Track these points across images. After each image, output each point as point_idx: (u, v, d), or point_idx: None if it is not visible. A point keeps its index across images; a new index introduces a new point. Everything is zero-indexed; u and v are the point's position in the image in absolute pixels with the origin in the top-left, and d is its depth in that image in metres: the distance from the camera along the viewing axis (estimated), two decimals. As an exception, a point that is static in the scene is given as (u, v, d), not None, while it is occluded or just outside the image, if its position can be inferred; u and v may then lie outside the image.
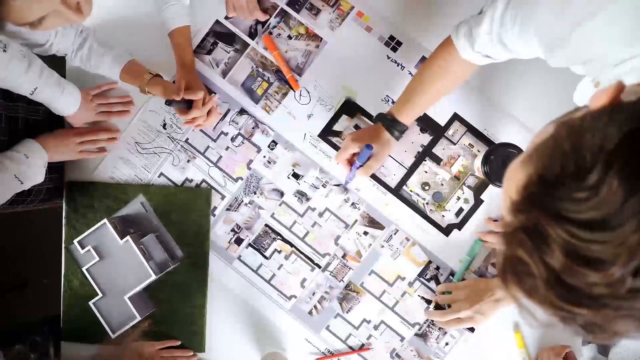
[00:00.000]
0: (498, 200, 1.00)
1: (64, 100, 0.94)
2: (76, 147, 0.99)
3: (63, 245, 1.01)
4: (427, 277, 1.01)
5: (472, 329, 0.99)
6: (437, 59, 0.85)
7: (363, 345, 1.01)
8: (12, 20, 0.61)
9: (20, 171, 0.88)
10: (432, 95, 0.88)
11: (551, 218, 0.35)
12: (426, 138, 1.01)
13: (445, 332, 1.00)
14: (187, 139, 1.03)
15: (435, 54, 0.85)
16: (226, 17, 1.03)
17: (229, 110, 1.03)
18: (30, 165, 0.90)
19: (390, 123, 0.91)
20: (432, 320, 1.00)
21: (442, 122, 1.01)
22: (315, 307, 1.01)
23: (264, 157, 1.02)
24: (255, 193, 1.02)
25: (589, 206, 0.33)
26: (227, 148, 1.03)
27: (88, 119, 1.01)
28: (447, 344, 1.00)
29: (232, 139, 1.03)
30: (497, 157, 0.90)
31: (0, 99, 0.92)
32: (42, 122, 1.01)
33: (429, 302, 1.01)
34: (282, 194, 1.02)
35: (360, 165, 0.92)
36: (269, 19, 1.02)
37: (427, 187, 1.01)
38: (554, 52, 0.60)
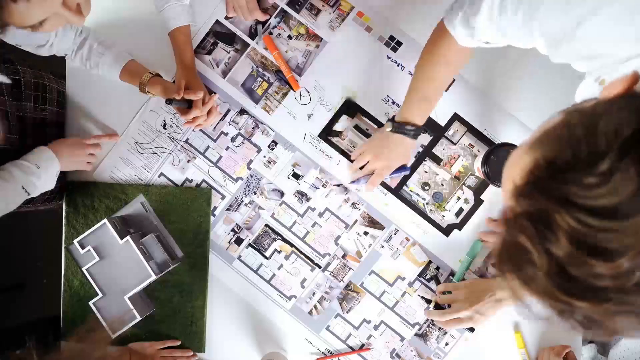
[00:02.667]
0: (498, 200, 1.00)
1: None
2: (86, 157, 0.99)
3: (63, 245, 1.01)
4: (427, 277, 1.01)
5: (472, 329, 0.99)
6: (436, 50, 0.82)
7: (363, 345, 1.01)
8: (14, 23, 0.61)
9: (28, 182, 0.87)
10: (439, 88, 0.87)
11: (558, 203, 0.33)
12: (426, 138, 1.01)
13: (445, 332, 1.00)
14: (187, 139, 1.03)
15: (432, 45, 0.82)
16: (226, 17, 1.03)
17: (229, 110, 1.03)
18: (40, 175, 0.89)
19: (413, 132, 0.90)
20: (432, 320, 1.00)
21: (442, 122, 1.01)
22: (315, 307, 1.01)
23: (264, 157, 1.02)
24: (255, 193, 1.02)
25: (601, 193, 0.32)
26: (227, 148, 1.03)
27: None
28: (447, 344, 1.00)
29: (232, 139, 1.03)
30: (497, 157, 0.90)
31: (8, 98, 0.92)
32: (49, 122, 1.01)
33: (429, 301, 1.01)
34: (282, 194, 1.02)
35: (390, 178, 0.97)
36: (269, 19, 1.02)
37: (427, 187, 1.01)
38: (558, 46, 0.58)
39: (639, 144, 0.31)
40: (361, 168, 0.98)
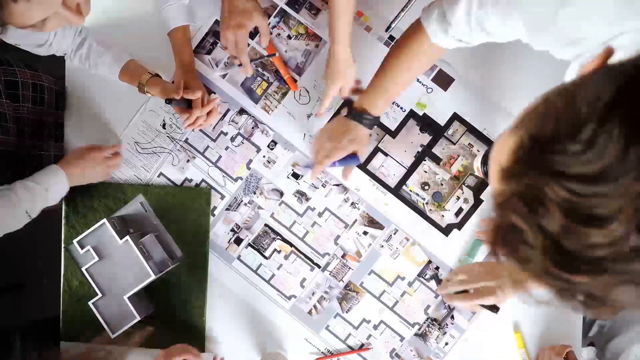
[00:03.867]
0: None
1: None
2: (103, 169, 0.97)
3: (62, 245, 1.01)
4: (427, 276, 1.00)
5: (496, 309, 0.95)
6: (406, 45, 0.81)
7: (363, 345, 1.01)
8: (14, 23, 0.61)
9: (33, 208, 0.86)
10: (402, 82, 0.86)
11: (547, 176, 0.33)
12: (426, 138, 1.01)
13: (445, 332, 1.00)
14: (187, 138, 1.03)
15: (404, 39, 0.82)
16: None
17: (228, 110, 1.03)
18: (48, 199, 0.89)
19: (363, 118, 0.89)
20: (433, 319, 1.00)
21: (442, 122, 1.01)
22: (314, 307, 1.01)
23: (264, 156, 1.02)
24: (254, 193, 1.02)
25: (588, 158, 0.31)
26: (227, 148, 1.03)
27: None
28: (446, 343, 1.00)
29: (232, 139, 1.03)
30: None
31: (6, 100, 0.92)
32: (47, 123, 1.01)
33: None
34: (281, 194, 1.02)
35: (336, 165, 0.93)
36: (256, 69, 1.02)
37: (426, 187, 1.01)
38: (539, 34, 0.59)
39: (620, 106, 0.31)
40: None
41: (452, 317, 1.00)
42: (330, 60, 0.93)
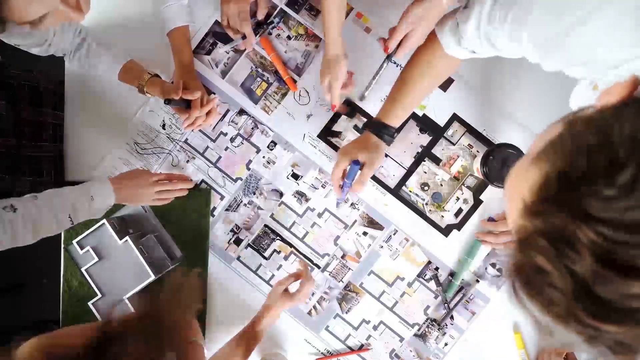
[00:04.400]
0: (497, 200, 1.00)
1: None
2: (153, 195, 0.96)
3: (62, 245, 1.01)
4: (427, 277, 1.00)
5: None
6: (421, 56, 0.82)
7: (362, 345, 1.01)
8: (14, 19, 0.61)
9: (76, 214, 0.86)
10: (419, 94, 0.86)
11: (578, 218, 0.31)
12: (425, 138, 1.01)
13: (445, 333, 1.00)
14: (187, 139, 1.03)
15: (419, 51, 0.83)
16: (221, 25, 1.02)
17: (228, 110, 1.03)
18: (91, 209, 0.88)
19: (379, 129, 0.87)
20: (432, 320, 1.00)
21: (442, 123, 1.01)
22: (314, 307, 1.01)
23: (263, 157, 1.02)
24: (254, 193, 1.02)
25: (626, 205, 0.29)
26: (227, 148, 1.03)
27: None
28: (446, 344, 1.00)
29: (232, 140, 1.03)
30: (497, 157, 0.90)
31: (3, 101, 0.92)
32: (46, 124, 1.01)
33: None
34: (281, 195, 1.02)
35: (350, 184, 0.88)
36: (264, 25, 1.01)
37: (426, 188, 1.01)
38: (549, 54, 0.58)
39: None
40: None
41: (452, 317, 1.00)
42: (325, 53, 0.93)
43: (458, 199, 1.00)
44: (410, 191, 1.01)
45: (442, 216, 1.01)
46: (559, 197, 0.33)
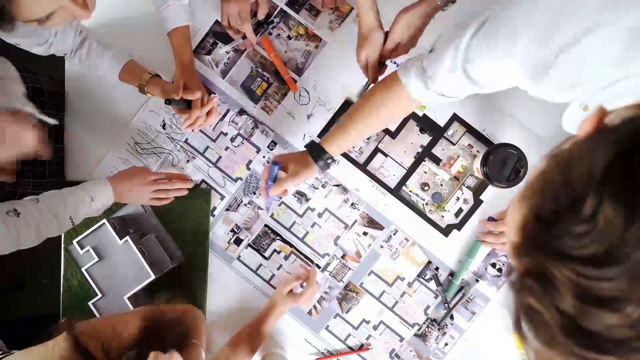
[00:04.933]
0: (497, 200, 1.00)
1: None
2: (150, 193, 0.96)
3: (62, 245, 1.01)
4: (427, 277, 1.01)
5: None
6: (384, 98, 0.79)
7: (362, 345, 1.01)
8: (21, 16, 0.62)
9: (77, 215, 0.87)
10: (366, 130, 0.83)
11: (554, 258, 0.32)
12: (425, 138, 1.01)
13: (445, 333, 1.00)
14: (187, 139, 1.03)
15: (377, 86, 0.80)
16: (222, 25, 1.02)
17: (228, 110, 1.03)
18: (91, 209, 0.89)
19: (317, 153, 0.85)
20: (432, 320, 1.00)
21: (442, 123, 1.01)
22: (314, 307, 1.01)
23: (264, 157, 1.02)
24: (254, 193, 1.02)
25: (590, 240, 0.30)
26: (227, 148, 1.03)
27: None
28: (446, 344, 1.00)
29: (232, 139, 1.03)
30: (497, 157, 0.90)
31: None
32: (46, 125, 1.01)
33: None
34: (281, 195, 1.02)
35: (270, 185, 0.87)
36: (266, 22, 1.02)
37: (426, 188, 1.01)
38: (539, 79, 0.56)
39: (612, 184, 0.30)
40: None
41: (452, 317, 1.00)
42: (358, 28, 0.89)
43: (458, 199, 1.01)
44: (411, 191, 1.01)
45: (442, 216, 1.01)
46: (536, 237, 0.34)
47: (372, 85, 0.91)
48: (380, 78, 0.88)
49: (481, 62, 0.60)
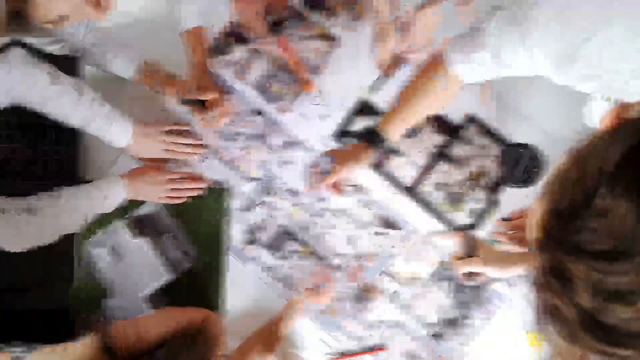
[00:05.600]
0: (513, 200, 1.00)
1: (114, 133, 0.91)
2: (164, 192, 0.96)
3: (74, 244, 1.00)
4: (442, 277, 1.00)
5: None
6: (429, 78, 0.80)
7: (377, 345, 1.01)
8: (37, 17, 0.62)
9: (90, 213, 0.89)
10: (421, 115, 0.85)
11: (570, 253, 0.33)
12: (441, 139, 1.01)
13: (460, 333, 1.00)
14: (201, 138, 1.03)
15: (425, 73, 0.81)
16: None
17: (243, 110, 1.03)
18: (104, 206, 0.90)
19: (377, 141, 0.86)
20: (447, 320, 1.00)
21: (457, 123, 1.01)
22: (329, 307, 1.01)
23: (279, 157, 1.02)
24: (269, 193, 1.02)
25: (602, 235, 0.31)
26: (241, 148, 1.02)
27: (152, 154, 0.98)
28: (461, 344, 1.00)
29: (246, 139, 1.02)
30: (512, 157, 0.91)
31: (11, 106, 0.92)
32: (51, 128, 1.00)
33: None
34: (296, 195, 1.02)
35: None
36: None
37: (441, 188, 1.01)
38: (562, 68, 0.57)
39: (624, 178, 0.30)
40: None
41: (467, 317, 1.00)
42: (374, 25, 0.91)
43: (473, 199, 1.01)
44: (426, 191, 1.01)
45: (458, 216, 1.01)
46: (555, 234, 0.34)
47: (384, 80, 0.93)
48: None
49: (513, 49, 0.61)
